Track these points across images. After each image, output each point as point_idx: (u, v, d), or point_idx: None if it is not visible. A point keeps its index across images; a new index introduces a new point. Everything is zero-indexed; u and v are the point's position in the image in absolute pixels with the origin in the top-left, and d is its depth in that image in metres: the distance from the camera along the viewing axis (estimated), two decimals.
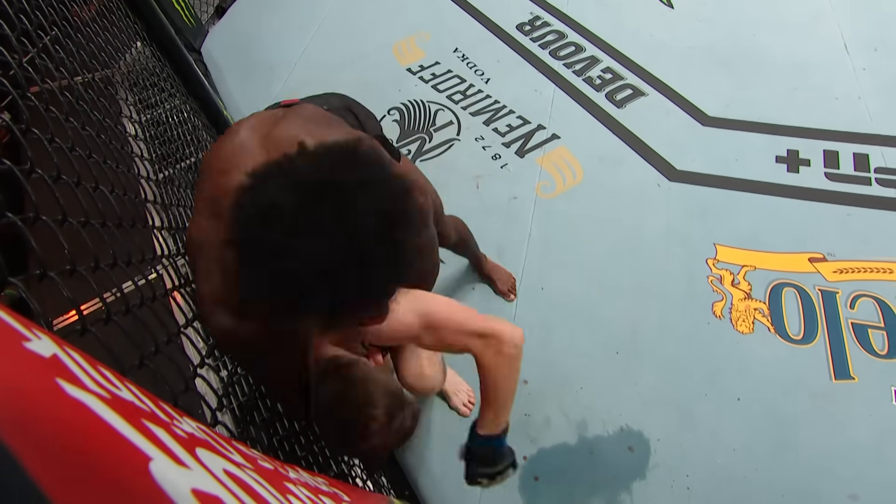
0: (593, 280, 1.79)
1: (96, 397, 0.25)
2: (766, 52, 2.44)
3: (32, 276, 0.60)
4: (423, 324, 0.86)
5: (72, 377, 0.25)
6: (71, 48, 1.22)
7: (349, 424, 0.81)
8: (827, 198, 1.95)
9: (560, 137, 2.19)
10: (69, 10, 1.39)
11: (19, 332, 0.25)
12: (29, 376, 0.22)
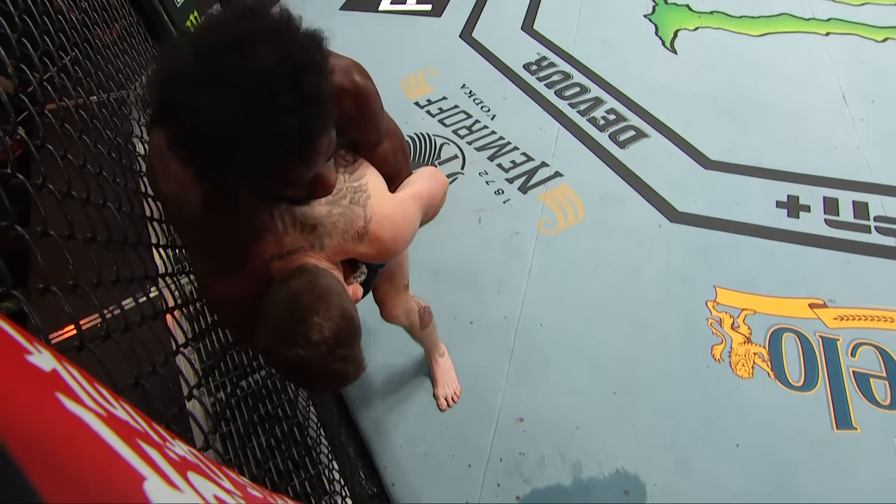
0: (592, 318, 1.79)
1: (93, 414, 0.25)
2: (767, 99, 2.50)
3: (35, 289, 0.61)
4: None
5: (70, 393, 0.26)
6: (89, 69, 1.27)
7: (294, 323, 0.74)
8: (827, 244, 1.97)
9: (563, 175, 2.23)
10: (91, 33, 1.45)
11: (21, 344, 0.26)
12: (29, 390, 0.23)
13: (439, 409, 1.64)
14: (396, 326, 1.37)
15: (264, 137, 0.57)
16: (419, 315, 1.40)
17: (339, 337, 0.75)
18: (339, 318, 0.75)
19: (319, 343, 0.72)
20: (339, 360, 0.76)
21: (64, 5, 1.36)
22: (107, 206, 0.93)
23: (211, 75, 0.55)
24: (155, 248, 1.14)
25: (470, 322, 1.81)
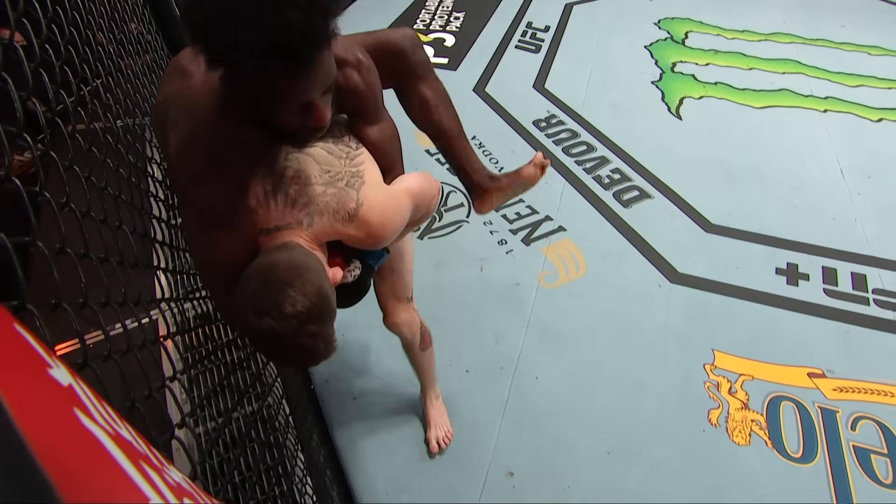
0: (589, 374, 1.79)
1: (104, 432, 0.27)
2: (768, 168, 2.57)
3: (45, 305, 0.63)
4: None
5: (84, 409, 0.27)
6: (119, 96, 1.34)
7: (268, 294, 0.75)
8: (826, 314, 1.97)
9: (566, 230, 2.27)
10: (124, 63, 1.54)
11: (44, 358, 0.27)
12: (51, 404, 0.24)
13: (429, 452, 1.61)
14: (393, 366, 1.38)
15: (272, 20, 0.63)
16: (421, 333, 1.42)
17: (312, 313, 0.76)
18: (314, 295, 0.77)
19: (291, 316, 0.74)
20: (309, 336, 0.77)
21: (104, 38, 1.45)
22: (121, 228, 0.96)
23: None
24: (162, 272, 1.16)
25: (465, 370, 1.80)
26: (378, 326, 1.93)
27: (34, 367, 0.25)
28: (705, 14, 3.87)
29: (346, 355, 1.86)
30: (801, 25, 3.72)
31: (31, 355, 0.26)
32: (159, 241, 1.27)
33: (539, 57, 3.45)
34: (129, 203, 1.07)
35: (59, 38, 0.89)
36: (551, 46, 3.56)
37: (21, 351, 0.25)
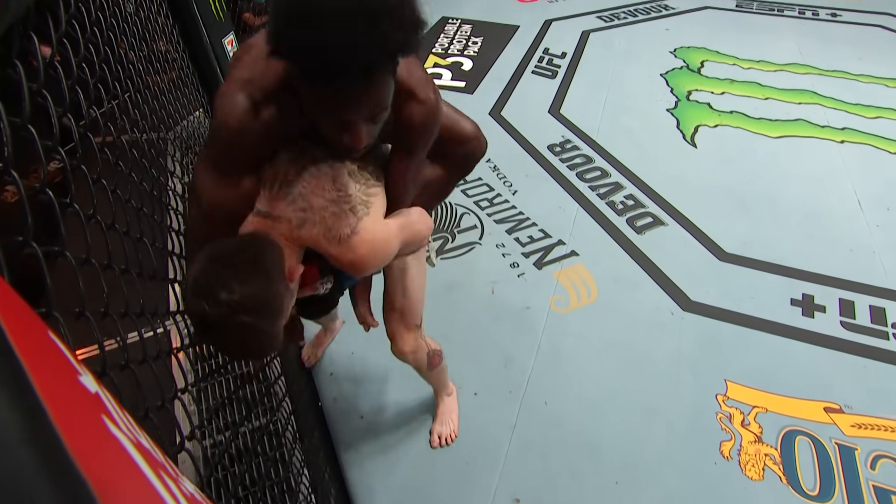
0: (598, 401, 1.76)
1: (127, 439, 0.28)
2: (783, 198, 2.55)
3: (69, 312, 0.64)
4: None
5: (110, 416, 0.28)
6: (146, 111, 1.38)
7: (211, 276, 0.75)
8: (843, 347, 1.93)
9: (579, 255, 2.27)
10: (151, 80, 1.60)
11: (74, 365, 0.28)
12: (81, 410, 0.25)
13: (430, 444, 1.64)
14: (402, 386, 1.38)
15: (337, 36, 0.65)
16: (427, 357, 1.43)
17: (247, 306, 0.75)
18: (258, 290, 0.77)
19: (223, 304, 0.73)
20: (241, 327, 0.75)
21: (135, 56, 1.51)
22: (142, 241, 0.99)
23: None
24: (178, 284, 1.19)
25: (474, 393, 1.79)
26: (388, 347, 1.93)
27: (66, 374, 0.27)
28: (721, 44, 3.90)
29: (356, 374, 1.86)
30: (817, 56, 3.73)
31: (63, 362, 0.27)
32: (177, 253, 1.29)
33: (555, 82, 3.49)
34: (150, 216, 1.10)
35: (95, 57, 0.93)
36: (567, 72, 3.61)
37: (55, 358, 0.26)
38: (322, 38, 0.65)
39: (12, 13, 0.46)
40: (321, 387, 1.84)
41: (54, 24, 0.67)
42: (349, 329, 2.01)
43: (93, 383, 0.29)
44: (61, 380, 0.25)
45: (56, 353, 0.27)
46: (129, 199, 0.99)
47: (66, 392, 0.24)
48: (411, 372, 1.65)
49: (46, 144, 0.56)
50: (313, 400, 1.81)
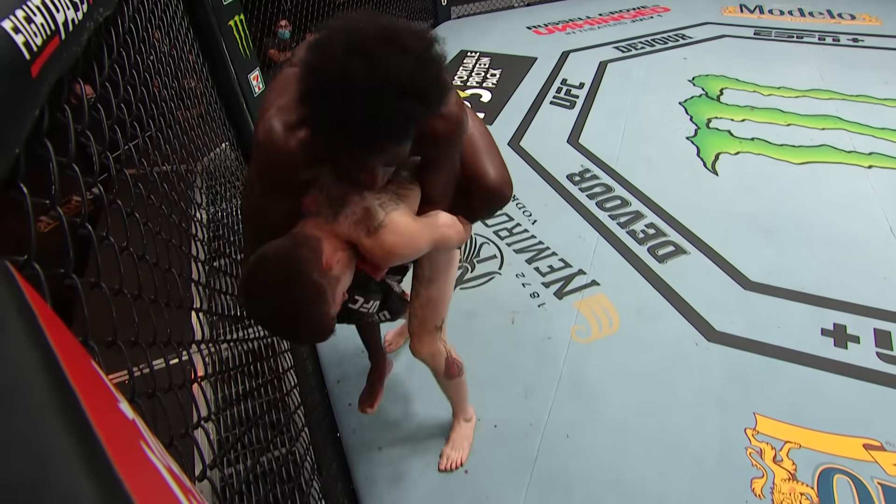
0: (621, 435, 1.72)
1: (162, 465, 0.29)
2: (809, 225, 2.50)
3: (102, 342, 0.67)
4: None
5: (146, 442, 0.29)
6: (175, 145, 1.44)
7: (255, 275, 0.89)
8: (881, 380, 1.86)
9: (599, 284, 2.25)
10: (181, 115, 1.67)
11: (113, 393, 0.30)
12: (124, 438, 0.26)
13: (438, 466, 1.65)
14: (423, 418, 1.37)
15: (366, 99, 0.72)
16: (446, 363, 1.44)
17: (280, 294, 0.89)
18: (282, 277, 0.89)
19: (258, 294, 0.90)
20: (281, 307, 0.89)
21: (167, 94, 1.58)
22: (170, 272, 1.02)
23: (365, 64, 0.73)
24: (203, 314, 1.21)
25: (494, 425, 1.76)
26: (411, 379, 1.94)
27: (109, 401, 0.28)
28: (740, 71, 3.91)
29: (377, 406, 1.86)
30: (840, 81, 3.71)
31: (105, 391, 0.29)
32: (202, 283, 1.33)
33: (574, 113, 3.53)
34: (178, 247, 1.14)
35: (133, 97, 0.99)
36: (586, 102, 3.65)
37: (97, 386, 0.28)
38: (350, 111, 0.72)
39: (63, 64, 0.50)
40: (340, 417, 1.83)
41: (98, 70, 0.72)
42: (368, 361, 2.01)
43: (129, 410, 0.30)
44: (105, 407, 0.26)
45: (98, 381, 0.29)
46: (158, 232, 1.03)
47: (110, 419, 0.26)
48: (431, 405, 1.64)
49: (87, 181, 0.59)
50: (332, 431, 1.80)
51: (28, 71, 0.42)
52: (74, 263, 0.60)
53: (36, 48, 0.43)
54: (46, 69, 0.45)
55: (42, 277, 0.40)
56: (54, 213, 0.48)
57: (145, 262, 0.82)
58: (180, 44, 1.89)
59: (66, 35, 0.51)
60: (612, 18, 5.13)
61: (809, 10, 5.03)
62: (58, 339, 0.25)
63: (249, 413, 1.63)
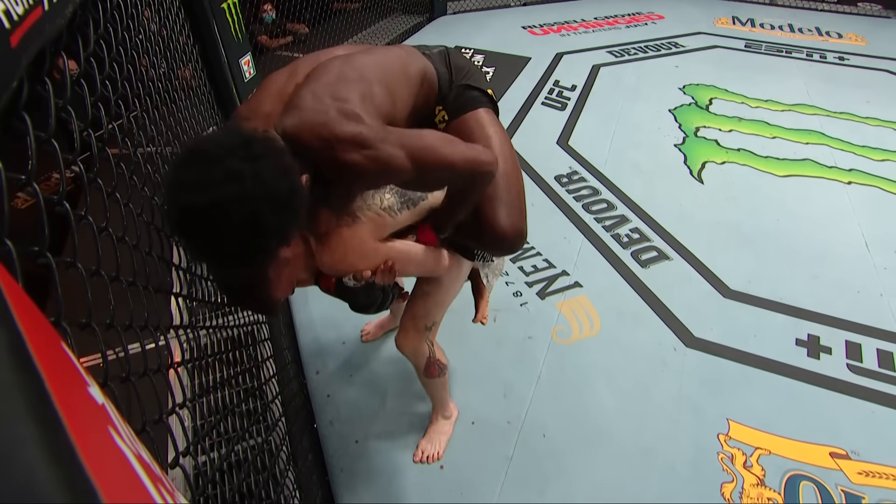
0: (597, 436, 1.74)
1: (130, 452, 0.28)
2: (789, 237, 2.55)
3: (75, 323, 0.65)
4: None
5: (115, 427, 0.28)
6: (162, 127, 1.41)
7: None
8: (850, 390, 1.90)
9: (582, 286, 2.26)
10: (169, 97, 1.63)
11: (83, 376, 0.29)
12: (91, 422, 0.26)
13: (413, 457, 1.67)
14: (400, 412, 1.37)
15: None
16: (427, 361, 1.45)
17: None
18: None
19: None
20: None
21: (155, 74, 1.55)
22: (150, 255, 1.00)
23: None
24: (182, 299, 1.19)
25: (472, 422, 1.77)
26: (389, 373, 1.93)
27: (77, 384, 0.27)
28: (730, 83, 3.96)
29: (354, 398, 1.85)
30: (824, 98, 3.78)
31: (74, 373, 0.28)
32: (183, 268, 1.30)
33: (564, 114, 3.55)
34: (159, 230, 1.12)
35: (118, 75, 0.97)
36: (577, 105, 3.67)
37: (67, 369, 0.27)
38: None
39: (46, 36, 0.49)
40: (318, 408, 1.83)
41: (83, 44, 0.70)
42: (351, 351, 2.01)
43: (99, 395, 0.30)
44: (73, 390, 0.26)
45: (68, 364, 0.28)
46: (140, 213, 1.00)
47: (77, 402, 0.25)
48: (410, 400, 1.63)
49: (67, 158, 0.58)
50: (309, 421, 1.79)
51: (7, 40, 0.41)
52: (52, 243, 0.58)
53: (17, 17, 0.42)
54: (27, 40, 0.44)
55: (14, 255, 0.39)
56: (31, 190, 0.47)
57: (124, 243, 0.80)
58: (170, 23, 1.85)
59: (50, 6, 0.50)
60: (606, 23, 5.17)
61: (799, 26, 5.11)
62: (26, 318, 0.24)
63: (226, 401, 1.61)
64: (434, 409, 1.70)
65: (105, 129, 0.84)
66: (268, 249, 0.76)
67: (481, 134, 1.15)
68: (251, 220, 0.70)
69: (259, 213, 0.70)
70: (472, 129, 1.15)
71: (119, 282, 0.71)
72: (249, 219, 0.70)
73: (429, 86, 1.14)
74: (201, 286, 1.42)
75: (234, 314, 1.80)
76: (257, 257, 0.76)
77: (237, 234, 0.71)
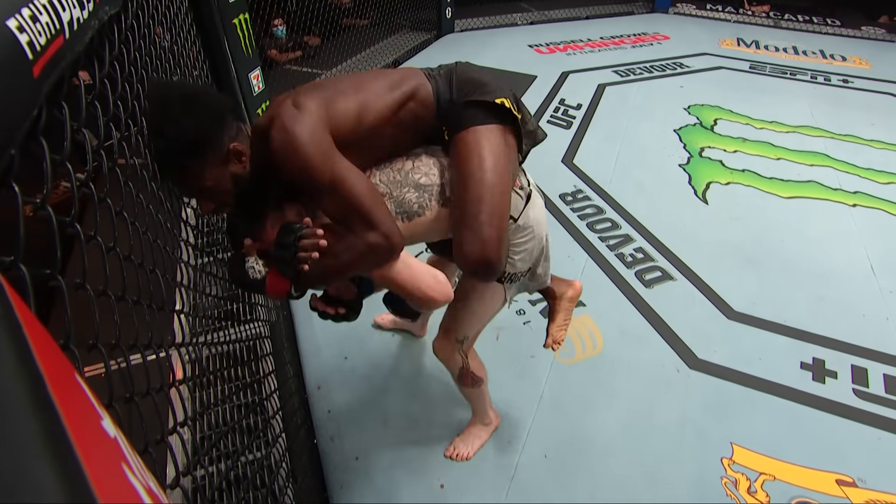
0: (600, 458, 1.72)
1: (142, 486, 0.28)
2: (794, 258, 2.54)
3: (83, 344, 0.65)
4: None
5: (127, 462, 0.28)
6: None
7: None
8: (856, 416, 1.88)
9: (585, 305, 2.26)
10: None
11: (97, 409, 0.29)
12: (105, 459, 0.26)
13: (444, 451, 1.71)
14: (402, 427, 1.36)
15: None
16: (460, 371, 1.49)
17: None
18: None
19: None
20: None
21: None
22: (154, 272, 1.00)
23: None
24: (184, 315, 1.20)
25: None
26: (391, 389, 1.93)
27: (91, 419, 0.27)
28: (735, 103, 3.99)
29: (355, 414, 1.84)
30: (829, 120, 3.80)
31: (88, 407, 0.28)
32: (185, 285, 1.31)
33: (570, 133, 3.58)
34: (163, 248, 1.13)
35: (129, 94, 0.98)
36: (582, 123, 3.70)
37: (81, 402, 0.27)
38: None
39: (66, 63, 0.50)
40: (318, 424, 1.82)
41: (99, 66, 0.72)
42: (353, 366, 2.00)
43: (111, 427, 0.30)
44: (88, 427, 0.26)
45: (82, 398, 0.28)
46: (145, 232, 1.01)
47: (92, 440, 0.25)
48: (413, 419, 1.62)
49: (79, 178, 0.59)
50: (309, 437, 1.79)
51: (30, 71, 0.42)
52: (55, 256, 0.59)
53: (39, 48, 0.43)
54: (48, 68, 0.45)
55: (28, 281, 0.39)
56: (44, 214, 0.48)
57: (131, 262, 0.80)
58: (181, 40, 1.88)
59: (71, 34, 0.51)
60: (612, 42, 5.22)
61: (803, 48, 5.16)
62: (43, 353, 0.25)
63: (227, 417, 1.60)
64: (473, 415, 1.73)
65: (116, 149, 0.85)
66: (210, 141, 0.95)
67: (470, 157, 1.10)
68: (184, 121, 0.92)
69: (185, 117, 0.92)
70: (460, 150, 1.12)
71: (125, 301, 0.72)
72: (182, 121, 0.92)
73: (419, 103, 1.13)
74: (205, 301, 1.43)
75: (238, 327, 1.81)
76: (206, 147, 0.95)
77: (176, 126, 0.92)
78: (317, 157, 0.95)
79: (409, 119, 1.13)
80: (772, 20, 5.91)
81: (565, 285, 1.58)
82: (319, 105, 1.01)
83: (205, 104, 0.95)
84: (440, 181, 1.15)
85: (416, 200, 1.12)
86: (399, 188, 1.12)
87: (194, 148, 0.94)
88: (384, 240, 1.00)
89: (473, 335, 1.46)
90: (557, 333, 1.56)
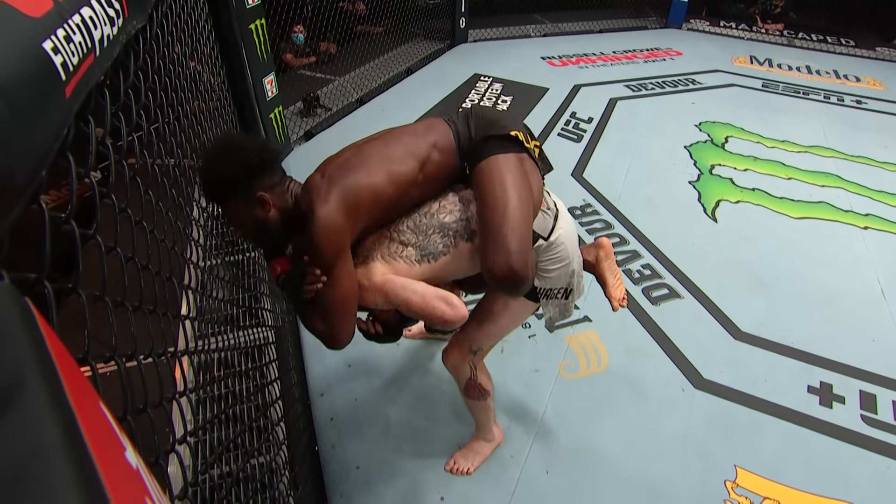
0: (603, 477, 1.71)
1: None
2: (803, 280, 2.53)
3: (100, 355, 0.66)
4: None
5: (150, 495, 0.29)
6: (181, 139, 1.44)
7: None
8: (864, 443, 1.86)
9: (592, 321, 2.25)
10: (190, 107, 1.67)
11: (121, 440, 0.29)
12: (130, 492, 0.26)
13: (445, 465, 1.71)
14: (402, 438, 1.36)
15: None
16: (467, 382, 1.51)
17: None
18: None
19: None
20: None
21: (179, 88, 1.58)
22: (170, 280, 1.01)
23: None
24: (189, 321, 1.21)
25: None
26: (394, 399, 1.93)
27: (116, 450, 0.28)
28: (746, 121, 3.98)
29: (358, 422, 1.85)
30: (842, 141, 3.78)
31: (112, 438, 0.29)
32: (192, 287, 1.32)
33: (580, 146, 3.58)
34: (172, 249, 1.14)
35: (152, 103, 1.00)
36: (593, 137, 3.70)
37: (107, 434, 0.28)
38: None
39: (95, 79, 0.51)
40: (320, 432, 1.82)
41: (123, 77, 0.73)
42: (356, 374, 2.01)
43: (134, 457, 0.30)
44: (114, 461, 0.26)
45: (107, 428, 0.29)
46: (152, 230, 1.02)
47: (118, 474, 0.26)
48: (412, 428, 1.61)
49: (102, 191, 0.60)
50: (311, 444, 1.79)
51: (62, 92, 0.43)
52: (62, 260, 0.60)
53: (72, 68, 0.44)
54: (79, 87, 0.46)
55: (52, 298, 0.40)
56: (68, 228, 0.49)
57: (148, 272, 0.81)
58: (200, 47, 1.90)
59: (101, 52, 0.52)
60: (625, 57, 5.23)
61: (817, 68, 5.14)
62: (73, 385, 0.25)
63: (231, 426, 1.61)
64: (476, 429, 1.71)
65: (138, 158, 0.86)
66: (240, 186, 1.11)
67: (491, 180, 1.20)
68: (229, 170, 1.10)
69: (232, 168, 1.10)
70: (482, 176, 1.21)
71: (140, 310, 0.72)
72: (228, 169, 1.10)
73: (441, 152, 1.25)
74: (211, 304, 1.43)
75: (245, 331, 1.81)
76: (236, 190, 1.11)
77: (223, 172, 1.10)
78: (329, 254, 1.11)
79: (433, 171, 1.24)
80: (785, 38, 5.90)
81: (594, 249, 1.61)
82: (346, 194, 1.14)
83: (243, 155, 1.11)
84: (465, 215, 1.24)
85: (440, 241, 1.23)
86: (425, 235, 1.22)
87: (223, 187, 1.12)
88: (326, 333, 1.17)
89: (488, 348, 1.50)
90: (616, 292, 1.61)
